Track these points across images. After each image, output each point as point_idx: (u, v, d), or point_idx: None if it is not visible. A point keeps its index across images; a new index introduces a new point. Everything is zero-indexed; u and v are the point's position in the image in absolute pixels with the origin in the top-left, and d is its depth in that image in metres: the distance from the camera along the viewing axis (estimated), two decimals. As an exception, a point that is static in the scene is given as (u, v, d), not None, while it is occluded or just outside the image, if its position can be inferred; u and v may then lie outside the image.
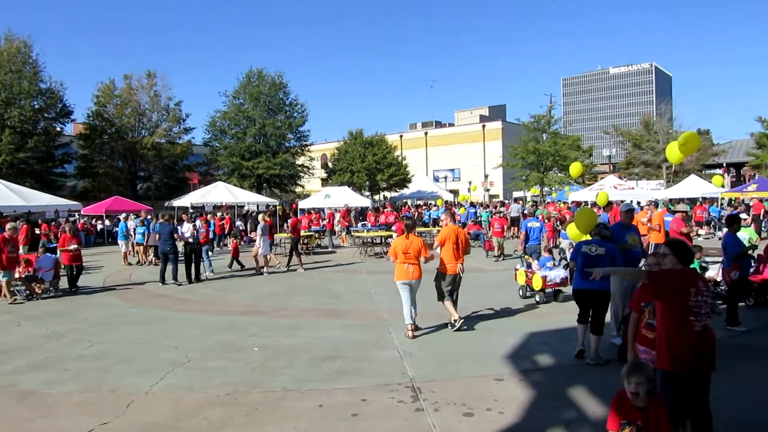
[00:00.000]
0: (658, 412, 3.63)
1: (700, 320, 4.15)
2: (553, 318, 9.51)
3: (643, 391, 3.61)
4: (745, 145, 44.15)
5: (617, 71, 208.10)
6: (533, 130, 45.39)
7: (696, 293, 4.17)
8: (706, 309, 4.19)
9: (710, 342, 4.22)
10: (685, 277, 4.33)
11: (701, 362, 4.15)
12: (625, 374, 3.72)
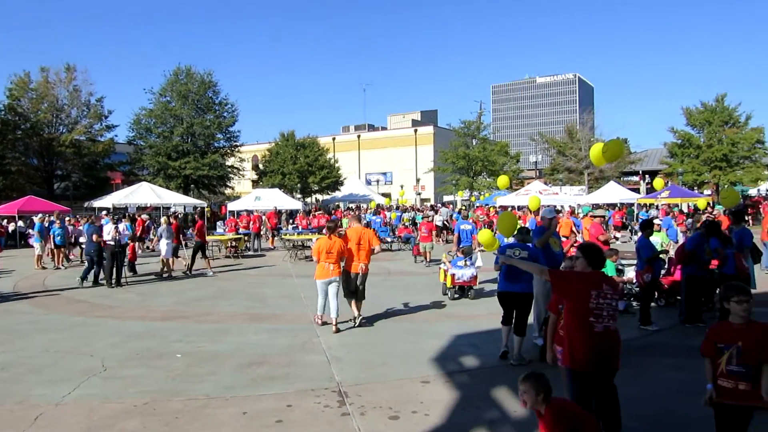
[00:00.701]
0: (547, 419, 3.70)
1: (601, 322, 4.33)
2: (480, 320, 9.72)
3: (529, 400, 3.69)
4: (659, 153, 46.87)
5: (543, 80, 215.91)
6: (463, 136, 46.43)
7: (597, 296, 4.35)
8: (608, 311, 4.37)
9: (612, 343, 4.39)
10: (587, 279, 4.51)
11: (602, 362, 4.32)
12: (519, 382, 3.81)
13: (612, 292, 4.48)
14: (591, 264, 4.64)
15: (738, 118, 37.18)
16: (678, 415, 5.54)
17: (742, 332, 4.01)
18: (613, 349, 4.41)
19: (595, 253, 4.71)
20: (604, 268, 10.12)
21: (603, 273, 4.71)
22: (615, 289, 4.57)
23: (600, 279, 4.54)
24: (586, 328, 4.35)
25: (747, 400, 3.95)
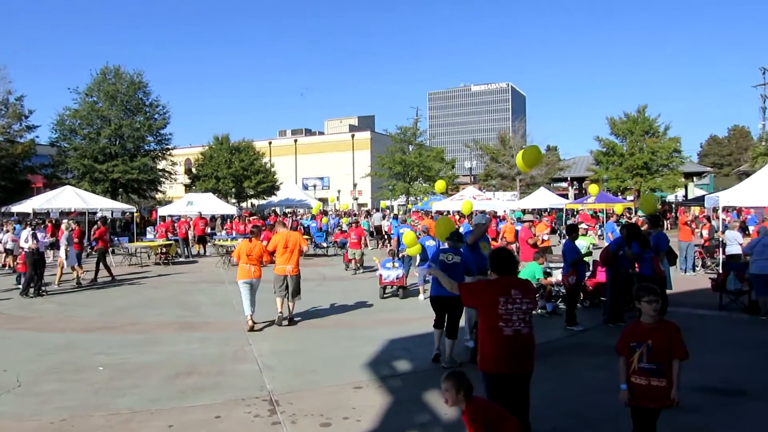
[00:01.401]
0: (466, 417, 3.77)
1: (510, 326, 4.43)
2: (413, 324, 9.82)
3: (450, 398, 3.74)
4: (586, 161, 48.87)
5: (478, 89, 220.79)
6: (400, 141, 46.84)
7: (506, 302, 4.46)
8: (519, 316, 4.45)
9: (523, 346, 4.46)
10: (494, 286, 4.60)
11: (512, 365, 4.40)
12: (441, 380, 3.85)
13: (522, 297, 4.52)
14: (496, 270, 4.73)
15: (657, 129, 39.22)
16: (600, 410, 5.76)
17: (652, 331, 4.24)
18: (525, 352, 4.47)
19: (500, 259, 4.75)
20: (532, 271, 10.51)
21: (514, 278, 4.72)
22: (527, 293, 4.59)
23: (509, 285, 4.58)
24: (496, 332, 4.47)
25: (658, 403, 4.18)
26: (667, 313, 10.09)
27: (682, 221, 18.07)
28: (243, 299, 9.78)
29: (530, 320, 4.57)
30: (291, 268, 9.93)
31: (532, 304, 4.67)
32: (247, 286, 9.72)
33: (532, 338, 4.58)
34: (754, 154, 38.66)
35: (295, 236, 10.31)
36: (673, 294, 11.52)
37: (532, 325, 4.58)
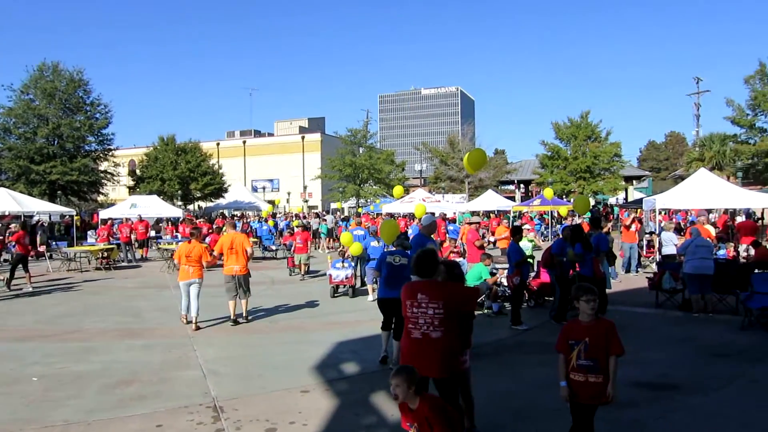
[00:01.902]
0: (426, 412, 3.75)
1: (418, 329, 4.50)
2: (361, 327, 9.83)
3: (401, 393, 3.72)
4: (532, 164, 50.05)
5: (428, 92, 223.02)
6: (350, 144, 46.84)
7: (411, 305, 4.54)
8: (425, 319, 4.47)
9: (430, 349, 4.44)
10: (406, 290, 4.68)
11: (419, 366, 4.23)
12: (390, 377, 3.83)
13: (428, 301, 4.48)
14: (416, 273, 4.77)
15: (599, 134, 40.62)
16: (542, 407, 5.91)
17: (589, 329, 4.39)
18: (429, 356, 4.40)
19: (418, 263, 4.77)
20: (478, 272, 10.68)
21: (423, 282, 4.66)
22: (434, 297, 4.50)
23: (417, 289, 4.59)
24: (407, 334, 4.59)
25: (595, 399, 4.32)
26: (607, 312, 10.47)
27: (624, 223, 18.71)
28: (182, 300, 10.09)
29: (442, 324, 4.43)
30: (238, 268, 10.21)
31: (443, 308, 4.46)
32: (186, 286, 10.00)
33: (447, 342, 4.45)
34: (689, 159, 40.55)
35: (240, 237, 10.54)
36: (613, 293, 11.96)
37: (447, 328, 4.44)
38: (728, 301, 11.09)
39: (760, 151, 31.76)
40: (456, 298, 4.59)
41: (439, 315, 4.45)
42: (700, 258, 10.75)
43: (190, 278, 9.99)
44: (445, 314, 4.45)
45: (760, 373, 7.24)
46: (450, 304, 4.49)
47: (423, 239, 8.79)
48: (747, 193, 19.49)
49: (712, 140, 38.65)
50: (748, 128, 33.27)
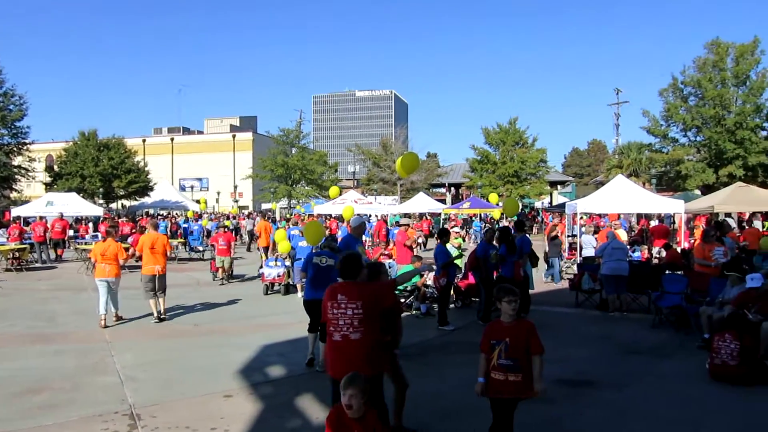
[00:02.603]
0: (374, 422, 3.74)
1: (339, 331, 4.51)
2: (288, 329, 9.70)
3: (357, 403, 3.65)
4: (462, 168, 51.16)
5: (362, 94, 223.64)
6: (282, 144, 46.28)
7: (332, 307, 4.55)
8: (345, 321, 4.49)
9: (349, 352, 4.44)
10: (328, 291, 4.68)
11: (340, 369, 4.33)
12: (342, 386, 3.75)
13: (347, 302, 4.51)
14: (341, 275, 4.79)
15: (527, 140, 42.10)
16: (467, 406, 5.99)
17: (510, 329, 4.52)
18: (351, 357, 4.38)
19: (344, 264, 4.80)
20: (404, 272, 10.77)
21: (344, 284, 4.70)
22: (353, 298, 4.52)
23: (337, 290, 4.62)
24: (329, 337, 4.59)
25: (515, 394, 4.46)
26: (530, 312, 10.83)
27: (549, 226, 19.39)
28: (99, 299, 10.05)
29: (361, 324, 4.44)
30: (160, 268, 10.43)
31: (362, 309, 4.46)
32: (103, 284, 10.02)
33: (367, 342, 4.46)
34: (609, 166, 42.63)
35: (162, 238, 10.79)
36: (536, 293, 12.36)
37: (367, 328, 4.46)
38: (641, 301, 11.70)
39: (672, 159, 33.79)
40: (374, 295, 4.61)
41: (358, 315, 4.46)
42: (616, 260, 11.29)
43: (106, 276, 10.08)
44: (364, 314, 4.46)
45: (668, 368, 7.68)
46: (369, 303, 4.51)
47: (352, 240, 8.81)
48: (660, 198, 20.70)
49: (629, 148, 40.78)
50: (662, 138, 35.32)
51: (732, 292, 8.68)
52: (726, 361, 6.88)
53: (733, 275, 9.18)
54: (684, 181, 32.70)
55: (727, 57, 31.88)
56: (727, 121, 31.06)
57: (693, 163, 32.68)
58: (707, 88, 31.70)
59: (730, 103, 31.55)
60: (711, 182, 31.21)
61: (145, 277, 10.38)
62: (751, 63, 31.26)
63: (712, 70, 32.01)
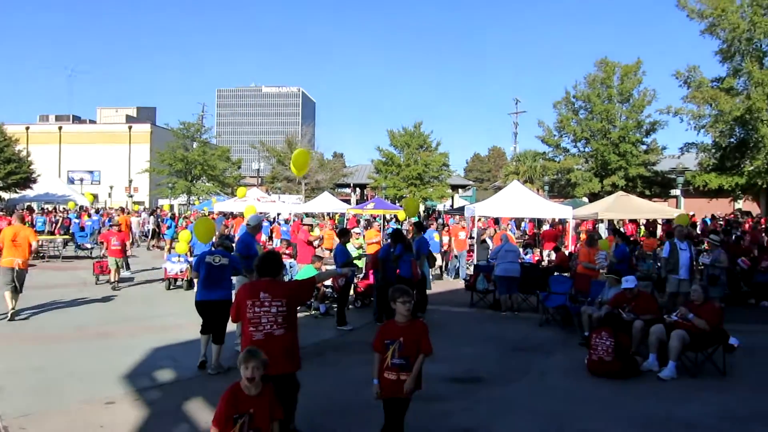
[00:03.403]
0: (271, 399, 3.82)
1: (260, 330, 4.51)
2: (182, 331, 9.29)
3: (258, 376, 3.72)
4: (368, 169, 51.59)
5: (269, 90, 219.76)
6: (183, 137, 44.48)
7: (253, 305, 4.52)
8: (268, 318, 4.53)
9: (275, 347, 4.47)
10: (246, 290, 4.65)
11: None
12: (242, 360, 3.78)
13: (271, 299, 4.56)
14: (260, 273, 4.76)
15: (430, 144, 43.12)
16: (361, 405, 6.01)
17: (404, 329, 4.60)
18: (274, 354, 4.37)
19: (264, 262, 4.79)
20: (308, 274, 10.69)
21: (265, 281, 4.73)
22: (276, 295, 4.60)
23: (258, 288, 4.63)
24: (247, 337, 4.54)
25: (401, 394, 4.53)
26: (427, 311, 11.10)
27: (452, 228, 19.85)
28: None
29: (285, 321, 4.59)
30: (21, 261, 10.06)
31: (286, 306, 4.64)
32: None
33: (290, 338, 4.62)
34: (506, 172, 44.67)
35: (25, 231, 10.48)
36: (433, 294, 12.69)
37: (290, 325, 4.62)
38: (531, 301, 12.32)
39: (563, 168, 35.89)
40: (296, 293, 4.88)
41: (282, 312, 4.58)
42: (509, 262, 11.83)
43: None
44: (287, 311, 4.61)
45: (551, 364, 8.14)
46: (291, 300, 4.71)
47: (250, 239, 8.62)
48: (551, 204, 21.95)
49: (526, 156, 42.92)
50: (555, 147, 37.43)
51: (610, 292, 9.33)
52: (602, 357, 7.38)
53: (611, 277, 9.88)
54: (573, 188, 34.81)
55: (614, 75, 34.29)
56: (612, 134, 33.43)
57: (581, 172, 34.85)
58: (596, 103, 33.95)
59: (615, 118, 33.98)
60: (597, 191, 33.44)
61: (5, 270, 9.93)
62: (634, 82, 33.83)
63: (601, 87, 34.32)
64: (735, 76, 26.47)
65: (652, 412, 6.10)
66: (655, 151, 34.64)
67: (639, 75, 33.98)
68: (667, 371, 7.25)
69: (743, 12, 25.41)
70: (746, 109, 24.59)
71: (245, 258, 7.88)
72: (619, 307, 8.40)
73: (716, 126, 26.41)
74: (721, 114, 25.73)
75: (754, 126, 24.92)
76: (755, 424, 5.70)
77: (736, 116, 25.13)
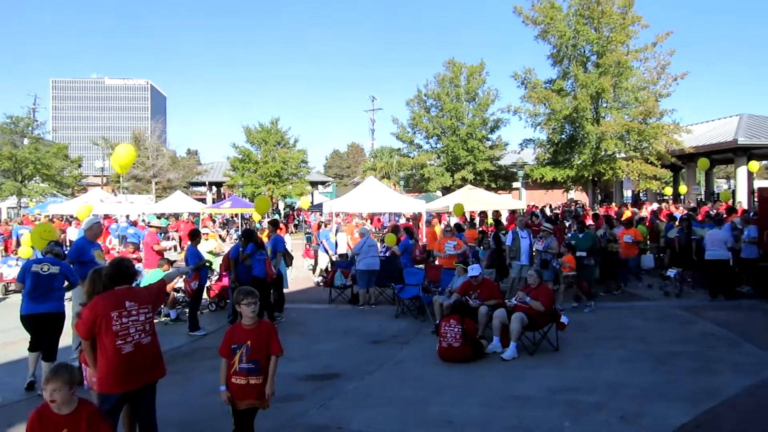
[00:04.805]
0: (89, 415, 3.46)
1: (130, 342, 4.23)
2: (8, 348, 8.34)
3: (62, 397, 3.35)
4: (224, 166, 49.74)
5: (113, 83, 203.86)
6: (10, 133, 39.77)
7: (120, 316, 4.22)
8: (137, 327, 4.28)
9: (146, 356, 4.33)
10: (107, 301, 4.30)
11: (135, 380, 4.24)
12: (44, 381, 3.50)
13: (139, 307, 4.36)
14: (113, 281, 4.44)
15: (288, 141, 42.62)
16: (210, 413, 5.79)
17: (251, 332, 4.48)
18: (149, 363, 4.36)
19: (117, 270, 4.49)
20: (156, 278, 10.10)
21: (126, 289, 4.47)
22: (143, 302, 4.43)
23: (122, 297, 4.33)
24: (112, 352, 4.17)
25: (257, 398, 4.42)
26: (285, 310, 10.99)
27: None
28: None
29: (151, 327, 4.46)
30: None
31: (152, 312, 4.57)
32: None
33: (157, 344, 4.51)
34: (364, 168, 45.51)
35: None
36: (291, 292, 12.58)
37: (153, 331, 4.48)
38: (387, 294, 12.66)
39: (417, 163, 37.38)
40: (157, 298, 4.77)
41: (149, 319, 4.45)
42: (371, 256, 12.05)
43: None
44: (152, 317, 4.54)
45: (405, 354, 8.43)
46: (155, 306, 4.67)
47: (86, 245, 7.92)
48: (407, 199, 22.78)
49: (383, 152, 44.06)
50: (409, 144, 38.86)
51: (458, 281, 9.87)
52: (451, 344, 7.77)
53: (459, 266, 10.48)
54: (427, 183, 36.41)
55: (461, 75, 36.35)
56: (460, 131, 35.42)
57: (434, 167, 36.55)
58: (445, 101, 35.76)
59: (463, 115, 36.05)
60: (448, 185, 35.27)
61: None
62: (479, 82, 36.14)
63: (450, 86, 36.20)
64: (564, 78, 29.26)
65: (495, 390, 6.55)
66: (499, 146, 37.29)
67: (483, 75, 36.32)
68: (509, 352, 7.82)
69: (569, 21, 28.17)
70: (574, 108, 27.31)
71: (80, 265, 7.23)
72: (466, 295, 8.91)
73: (549, 124, 29.06)
74: (553, 113, 28.37)
75: (581, 124, 27.78)
76: (581, 393, 6.33)
77: (565, 115, 27.85)
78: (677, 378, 6.76)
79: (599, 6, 26.91)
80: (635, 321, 9.94)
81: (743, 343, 8.22)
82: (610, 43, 26.87)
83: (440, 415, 5.78)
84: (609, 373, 7.07)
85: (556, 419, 5.56)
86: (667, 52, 27.31)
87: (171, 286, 10.50)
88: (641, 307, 11.22)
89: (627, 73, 27.37)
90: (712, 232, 11.96)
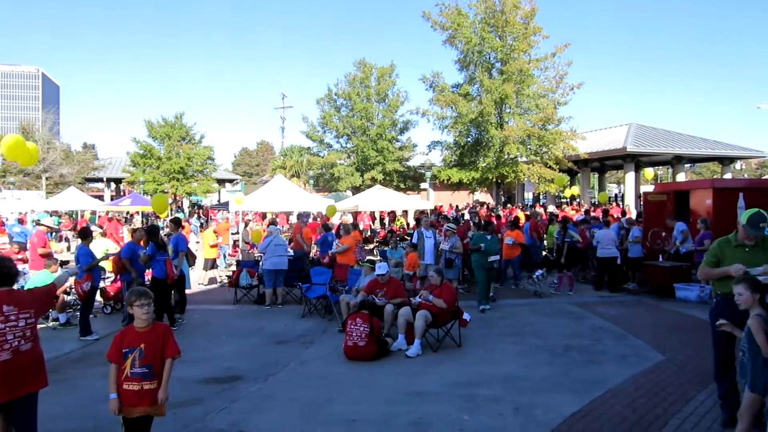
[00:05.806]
0: None
1: (7, 349, 3.96)
2: None
3: None
4: (123, 161, 47.22)
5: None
6: None
7: None
8: (16, 333, 4.01)
9: (26, 364, 4.06)
10: None
11: (11, 390, 3.97)
12: None
13: (18, 312, 4.06)
14: None
15: (193, 136, 41.08)
16: (101, 421, 5.45)
17: (145, 335, 4.26)
18: (28, 371, 4.08)
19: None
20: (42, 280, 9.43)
21: (5, 291, 4.14)
22: (24, 306, 4.13)
23: (1, 300, 4.03)
24: None
25: (151, 405, 4.21)
26: (186, 311, 10.60)
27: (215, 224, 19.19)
28: None
29: (33, 333, 4.16)
30: None
31: (35, 316, 4.23)
32: None
33: (39, 351, 4.23)
34: (274, 166, 44.79)
35: None
36: (195, 293, 12.18)
37: (35, 337, 4.19)
38: (294, 293, 12.53)
39: (328, 162, 37.29)
40: (43, 302, 4.52)
41: (31, 324, 4.17)
42: (278, 255, 11.88)
43: None
44: (35, 322, 4.24)
45: (311, 354, 8.37)
46: (39, 311, 4.37)
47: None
48: (316, 197, 22.68)
49: (292, 151, 43.54)
50: (319, 143, 38.70)
51: (365, 280, 9.93)
52: (356, 342, 7.81)
53: (366, 265, 10.54)
54: (337, 182, 36.41)
55: (372, 76, 36.65)
56: (370, 131, 35.73)
57: (344, 167, 36.61)
58: (356, 101, 35.94)
59: (373, 116, 36.38)
60: (358, 184, 35.46)
61: None
62: (389, 83, 36.61)
63: (360, 86, 36.40)
64: (470, 83, 30.26)
65: (398, 387, 6.64)
66: (408, 147, 37.97)
67: (393, 77, 36.84)
68: (413, 349, 7.97)
69: (475, 28, 29.18)
70: (479, 112, 28.31)
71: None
72: (372, 294, 8.98)
73: (456, 127, 29.97)
74: (459, 116, 29.28)
75: (485, 128, 28.85)
76: (480, 387, 6.56)
77: (471, 119, 28.81)
78: (569, 370, 7.17)
79: (503, 15, 28.08)
80: (533, 317, 10.45)
81: (628, 335, 8.86)
82: (513, 51, 28.15)
83: (344, 414, 5.78)
84: (507, 367, 7.37)
85: (455, 413, 5.72)
86: (565, 63, 29.03)
87: (62, 289, 9.86)
88: (538, 303, 11.81)
89: (528, 80, 28.77)
90: (605, 232, 12.97)
